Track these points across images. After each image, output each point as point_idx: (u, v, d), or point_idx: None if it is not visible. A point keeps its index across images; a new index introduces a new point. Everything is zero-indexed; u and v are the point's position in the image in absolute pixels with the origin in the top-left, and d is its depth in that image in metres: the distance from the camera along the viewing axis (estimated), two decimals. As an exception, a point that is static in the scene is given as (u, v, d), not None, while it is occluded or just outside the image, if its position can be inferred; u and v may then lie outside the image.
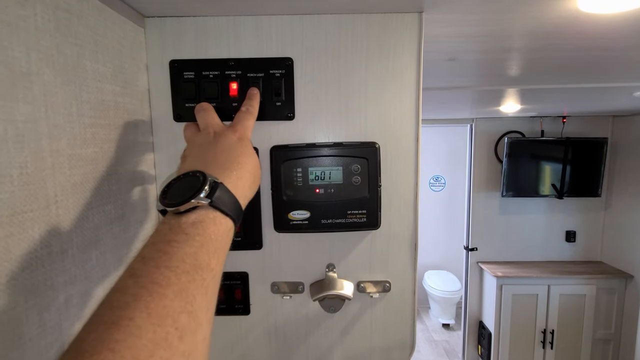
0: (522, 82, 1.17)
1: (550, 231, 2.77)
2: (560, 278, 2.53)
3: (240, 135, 0.39)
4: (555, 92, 1.37)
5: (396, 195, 0.50)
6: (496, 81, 1.11)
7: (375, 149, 0.48)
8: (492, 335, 2.65)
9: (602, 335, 2.58)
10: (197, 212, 0.30)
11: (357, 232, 0.51)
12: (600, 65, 0.89)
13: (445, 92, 1.29)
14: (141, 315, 0.22)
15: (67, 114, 0.34)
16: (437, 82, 1.07)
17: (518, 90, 1.32)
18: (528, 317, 2.58)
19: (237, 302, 0.52)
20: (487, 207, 2.80)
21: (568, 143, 2.54)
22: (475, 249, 2.84)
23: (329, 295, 0.49)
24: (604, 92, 1.37)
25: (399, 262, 0.51)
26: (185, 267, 0.26)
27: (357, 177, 0.48)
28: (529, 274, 2.56)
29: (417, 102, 0.48)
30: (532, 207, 2.76)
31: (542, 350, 2.59)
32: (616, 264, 2.61)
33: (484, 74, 0.99)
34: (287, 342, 0.53)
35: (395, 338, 0.53)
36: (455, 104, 1.69)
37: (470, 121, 2.74)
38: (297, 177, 0.48)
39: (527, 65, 0.92)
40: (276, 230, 0.50)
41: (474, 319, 2.92)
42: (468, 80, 1.06)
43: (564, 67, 0.92)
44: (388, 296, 0.52)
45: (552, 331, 2.57)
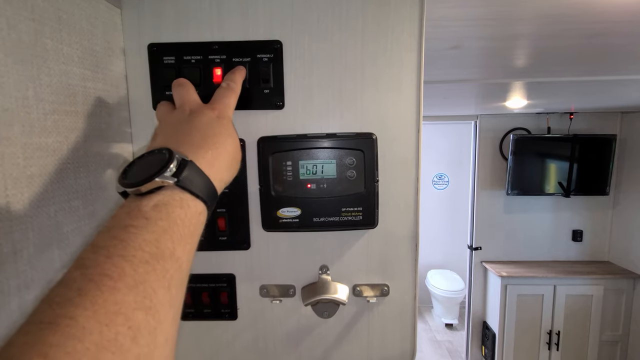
0: (530, 75, 1.12)
1: (557, 230, 2.72)
2: (566, 278, 2.48)
3: (220, 112, 0.34)
4: (564, 86, 1.31)
5: (395, 191, 0.46)
6: (502, 73, 1.06)
7: (372, 140, 0.44)
8: (497, 336, 2.60)
9: (609, 337, 2.52)
10: (161, 194, 0.26)
11: (352, 231, 0.47)
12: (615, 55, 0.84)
13: (448, 86, 1.24)
14: (85, 313, 0.18)
15: (20, 97, 0.30)
16: (439, 74, 1.03)
17: (525, 83, 1.27)
18: (533, 318, 2.53)
19: (224, 306, 0.48)
20: (492, 206, 2.74)
21: (575, 140, 2.48)
22: (480, 248, 2.79)
23: (322, 299, 0.45)
24: (615, 86, 1.31)
25: (399, 264, 0.47)
26: (144, 256, 0.22)
27: (352, 171, 0.44)
28: (535, 273, 2.50)
29: (419, 89, 0.44)
30: (538, 205, 2.70)
31: (547, 351, 2.54)
32: (624, 264, 2.55)
33: (489, 65, 0.94)
34: (277, 349, 0.49)
35: (395, 345, 0.49)
36: (459, 99, 1.64)
37: (475, 118, 2.68)
38: (287, 171, 0.44)
39: (536, 54, 0.87)
40: (264, 229, 0.46)
41: (477, 319, 2.87)
42: (473, 72, 1.01)
43: (575, 57, 0.87)
44: (386, 300, 0.48)
45: (557, 332, 2.51)
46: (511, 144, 2.51)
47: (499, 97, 1.64)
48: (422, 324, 3.79)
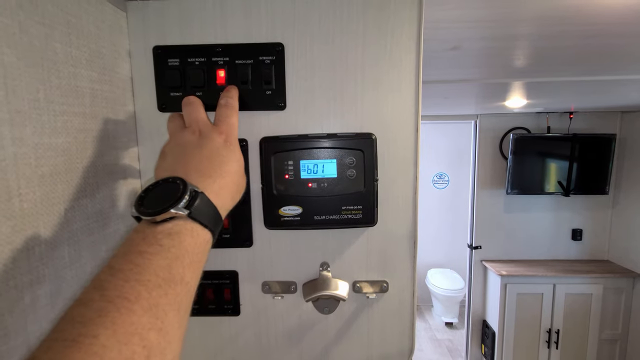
0: (530, 75, 1.13)
1: (556, 229, 2.72)
2: (566, 277, 2.49)
3: (227, 136, 0.37)
4: (564, 86, 1.32)
5: (394, 190, 0.47)
6: (502, 73, 1.07)
7: (372, 140, 0.45)
8: (496, 334, 2.62)
9: (608, 336, 2.53)
10: (173, 222, 0.28)
11: (352, 229, 0.48)
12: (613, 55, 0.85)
13: (448, 86, 1.25)
14: (106, 332, 0.20)
15: (32, 99, 0.31)
16: (439, 74, 1.03)
17: (525, 83, 1.28)
18: (533, 317, 2.54)
19: (227, 302, 0.49)
20: (492, 205, 2.75)
21: (575, 139, 2.49)
22: (479, 247, 2.80)
23: (323, 295, 0.46)
24: (614, 86, 1.32)
25: (397, 261, 0.48)
26: (158, 280, 0.24)
27: (352, 170, 0.45)
28: (534, 272, 2.51)
29: (417, 90, 0.45)
30: (538, 204, 2.71)
31: (547, 350, 2.55)
32: (623, 263, 2.55)
33: (489, 65, 0.95)
34: (279, 344, 0.50)
35: (394, 340, 0.50)
36: (459, 98, 1.65)
37: (475, 117, 2.69)
38: (288, 170, 0.45)
39: (536, 55, 0.88)
40: (266, 226, 0.47)
41: (477, 317, 2.88)
42: (472, 72, 1.02)
43: (574, 58, 0.88)
44: (386, 297, 0.49)
45: (557, 331, 2.52)
46: (511, 143, 2.51)
47: (498, 97, 1.65)
48: (422, 322, 3.80)
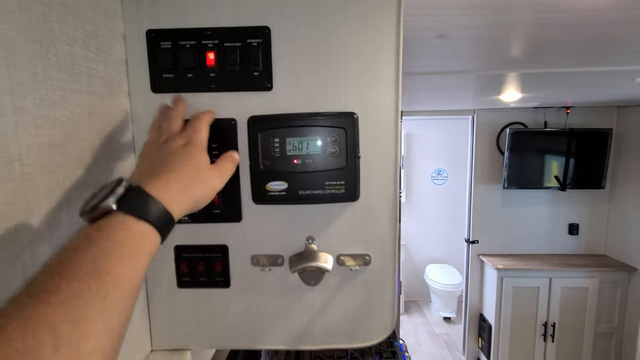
0: (520, 66, 1.14)
1: (553, 224, 2.74)
2: (562, 271, 2.51)
3: (189, 139, 0.39)
4: (556, 77, 1.34)
5: (376, 167, 0.49)
6: (493, 64, 1.09)
7: (353, 119, 0.47)
8: (493, 327, 2.64)
9: (604, 329, 2.55)
10: (107, 218, 0.30)
11: (336, 204, 0.50)
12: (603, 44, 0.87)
13: (440, 78, 1.27)
14: (16, 324, 0.21)
15: (32, 73, 0.33)
16: (430, 65, 1.06)
17: (516, 75, 1.29)
18: (529, 310, 2.56)
19: (217, 274, 0.52)
20: (489, 200, 2.77)
21: (572, 134, 2.50)
22: (477, 242, 2.82)
23: (308, 267, 0.49)
24: (606, 77, 1.34)
25: (380, 235, 0.51)
26: (80, 273, 0.25)
27: (335, 147, 0.47)
28: (530, 266, 2.54)
29: (397, 72, 0.47)
30: (535, 199, 2.73)
31: (543, 343, 2.57)
32: (620, 257, 2.57)
33: (478, 56, 0.97)
34: (268, 315, 0.53)
35: (376, 311, 0.53)
36: (453, 91, 1.66)
37: (472, 112, 2.71)
38: (275, 147, 0.47)
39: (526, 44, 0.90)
40: (254, 202, 0.49)
41: (474, 311, 2.91)
42: (462, 63, 1.04)
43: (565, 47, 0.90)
44: (368, 269, 0.52)
45: (553, 324, 2.55)
46: (508, 138, 2.53)
47: (493, 90, 1.66)
48: (421, 317, 3.83)
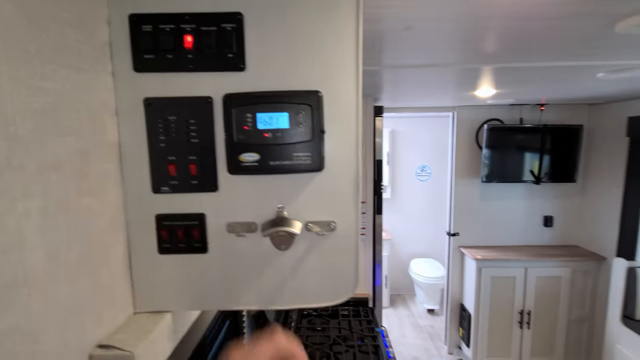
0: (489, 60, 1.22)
1: (529, 216, 2.87)
2: (537, 261, 2.63)
3: None
4: (524, 72, 1.43)
5: (339, 140, 0.55)
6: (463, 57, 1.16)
7: (318, 97, 0.53)
8: (472, 317, 2.74)
9: (576, 316, 2.68)
10: None
11: (304, 174, 0.55)
12: (561, 40, 0.94)
13: (414, 72, 1.34)
14: None
15: (25, 50, 0.38)
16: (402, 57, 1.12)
17: (487, 69, 1.37)
18: (506, 299, 2.67)
19: (196, 241, 0.57)
20: (469, 194, 2.87)
21: (545, 130, 2.62)
22: (457, 234, 2.92)
23: (279, 231, 0.54)
24: (569, 73, 1.43)
25: (343, 203, 0.56)
26: None
27: (302, 122, 0.53)
28: (507, 257, 2.65)
29: (357, 55, 0.53)
30: (512, 192, 2.84)
31: (519, 330, 2.69)
32: (591, 247, 2.71)
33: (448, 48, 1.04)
34: (242, 278, 0.58)
35: (342, 273, 0.58)
36: (431, 86, 1.74)
37: (452, 109, 2.80)
38: (247, 122, 0.53)
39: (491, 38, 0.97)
40: (229, 172, 0.54)
41: (455, 302, 3.01)
42: (433, 55, 1.11)
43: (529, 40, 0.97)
44: (334, 235, 0.57)
45: (529, 312, 2.66)
46: (485, 134, 2.64)
47: (468, 85, 1.75)
48: (406, 310, 3.92)
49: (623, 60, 1.23)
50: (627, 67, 1.32)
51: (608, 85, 1.75)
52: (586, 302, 2.67)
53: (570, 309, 2.66)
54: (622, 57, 1.20)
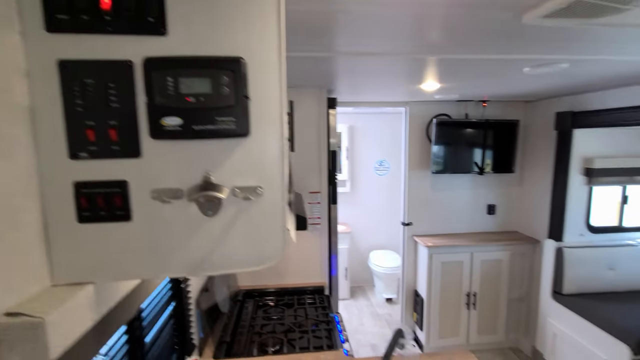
0: (427, 51, 1.30)
1: (475, 205, 3.08)
2: (481, 246, 2.83)
3: None
4: (458, 65, 1.53)
5: (264, 107, 0.57)
6: (403, 46, 1.23)
7: (240, 63, 0.54)
8: (425, 301, 2.89)
9: (516, 295, 2.92)
10: None
11: (230, 140, 0.56)
12: (482, 30, 1.03)
13: (361, 61, 1.40)
14: None
15: None
16: (345, 44, 1.17)
17: (428, 61, 1.46)
18: (454, 282, 2.85)
19: (118, 209, 0.56)
20: (421, 185, 3.02)
21: (487, 125, 2.83)
22: (411, 224, 3.06)
23: (205, 195, 0.55)
24: (499, 66, 1.56)
25: (269, 169, 0.58)
26: None
27: (225, 88, 0.54)
28: (455, 243, 2.82)
29: (279, 24, 0.55)
30: (459, 183, 3.04)
31: (467, 311, 2.88)
32: (527, 232, 2.96)
33: (388, 36, 1.10)
34: (170, 245, 0.58)
35: (269, 238, 0.60)
36: (379, 78, 1.81)
37: (405, 104, 2.93)
38: (169, 86, 0.52)
39: (420, 26, 1.04)
40: (152, 137, 0.54)
41: (410, 288, 3.15)
42: (376, 43, 1.17)
43: (452, 30, 1.05)
44: (261, 200, 0.59)
45: (474, 294, 2.86)
46: (434, 127, 2.79)
47: (414, 77, 1.84)
48: (365, 300, 4.04)
49: (543, 54, 1.37)
50: (548, 62, 1.47)
51: (536, 80, 1.93)
52: (524, 282, 2.92)
53: (511, 289, 2.90)
54: (542, 52, 1.33)
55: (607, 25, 0.92)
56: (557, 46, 1.24)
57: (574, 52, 1.34)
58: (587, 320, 2.18)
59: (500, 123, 2.83)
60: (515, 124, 2.83)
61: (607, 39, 1.16)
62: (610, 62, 1.49)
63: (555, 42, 1.18)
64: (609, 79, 1.89)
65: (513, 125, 2.84)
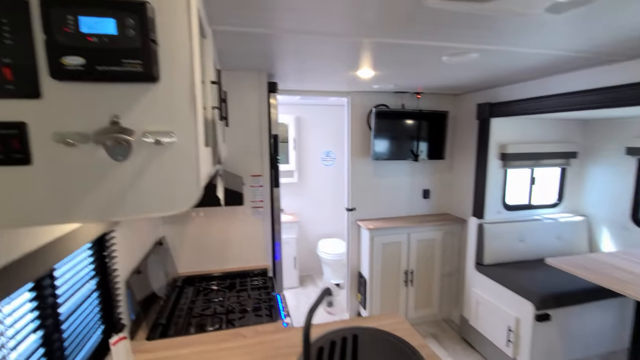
0: (357, 33, 1.39)
1: (412, 190, 3.31)
2: (417, 227, 3.06)
3: None
4: (384, 50, 1.66)
5: (173, 53, 0.59)
6: (339, 27, 1.30)
7: (146, 7, 0.55)
8: (367, 282, 3.05)
9: (447, 271, 3.21)
10: None
11: (140, 85, 0.58)
12: (395, 13, 1.13)
13: (296, 40, 1.45)
14: None
15: None
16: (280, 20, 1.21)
17: (361, 45, 1.56)
18: (394, 262, 3.04)
19: (16, 151, 0.54)
20: (363, 172, 3.18)
21: (421, 115, 3.06)
22: (354, 209, 3.20)
23: (113, 137, 0.55)
24: (419, 53, 1.71)
25: (181, 114, 0.60)
26: None
27: (131, 30, 0.55)
28: (394, 225, 3.02)
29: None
30: (398, 169, 3.25)
31: (405, 288, 3.09)
32: (457, 213, 3.27)
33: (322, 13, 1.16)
34: (77, 190, 0.57)
35: (182, 183, 0.62)
36: (318, 61, 1.88)
37: (347, 94, 3.05)
38: (69, 24, 0.52)
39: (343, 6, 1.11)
40: (53, 77, 0.53)
41: (354, 271, 3.30)
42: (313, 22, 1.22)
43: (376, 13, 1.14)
44: (173, 146, 0.61)
45: (412, 271, 3.09)
46: (374, 117, 2.95)
47: (350, 64, 1.94)
48: (314, 288, 4.13)
49: (456, 43, 1.53)
50: (460, 51, 1.65)
51: (459, 72, 2.15)
52: (454, 258, 3.22)
53: (443, 265, 3.18)
54: (454, 41, 1.49)
55: (488, 11, 1.07)
56: (466, 35, 1.40)
57: (481, 43, 1.53)
58: (502, 285, 2.48)
59: (432, 113, 3.08)
60: (445, 115, 3.10)
61: (505, 30, 1.34)
62: (514, 54, 1.71)
63: (462, 29, 1.34)
64: (516, 72, 2.17)
65: (443, 115, 3.10)
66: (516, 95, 2.48)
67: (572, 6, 1.01)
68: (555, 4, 0.97)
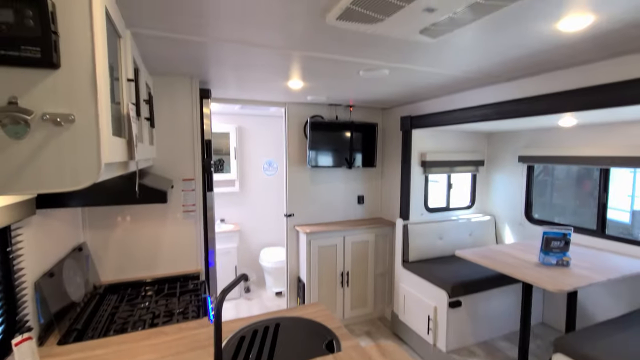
0: (283, 44, 1.53)
1: (347, 196, 3.52)
2: (352, 230, 3.25)
3: None
4: (309, 62, 1.83)
5: (75, 44, 0.66)
6: (268, 38, 1.42)
7: (46, 1, 0.62)
8: (306, 285, 3.15)
9: (380, 271, 3.44)
10: None
11: (39, 70, 0.63)
12: (297, 27, 1.29)
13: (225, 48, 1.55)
14: None
15: None
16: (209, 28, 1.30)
17: (291, 57, 1.70)
18: (331, 264, 3.19)
19: None
20: (300, 179, 3.32)
21: (353, 126, 3.31)
22: (293, 215, 3.31)
23: (10, 116, 0.60)
24: (337, 67, 1.91)
25: (82, 97, 0.67)
26: None
27: (29, 20, 0.61)
28: (331, 229, 3.18)
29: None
30: (334, 177, 3.44)
31: (341, 289, 3.24)
32: (387, 217, 3.54)
33: (255, 24, 1.27)
34: None
35: (83, 161, 0.68)
36: (247, 69, 1.99)
37: (284, 105, 3.20)
38: (-34, 11, 0.57)
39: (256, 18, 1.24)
40: None
41: (293, 276, 3.38)
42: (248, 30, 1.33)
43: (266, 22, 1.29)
44: (74, 126, 0.67)
45: (347, 273, 3.25)
46: (309, 126, 3.13)
47: (281, 74, 2.08)
48: (257, 297, 4.11)
49: (367, 60, 1.75)
50: (372, 67, 1.88)
51: (379, 87, 2.40)
52: (386, 259, 3.46)
53: (376, 266, 3.40)
54: (365, 57, 1.71)
55: (378, 33, 1.28)
56: (373, 52, 1.62)
57: (389, 61, 1.76)
58: (423, 278, 2.74)
59: (363, 125, 3.35)
60: (374, 126, 3.39)
61: (403, 50, 1.58)
62: (419, 73, 2.00)
63: (368, 47, 1.55)
64: (428, 89, 2.49)
65: (373, 127, 3.39)
66: (431, 109, 2.83)
67: (441, 32, 1.26)
68: (426, 29, 1.20)
